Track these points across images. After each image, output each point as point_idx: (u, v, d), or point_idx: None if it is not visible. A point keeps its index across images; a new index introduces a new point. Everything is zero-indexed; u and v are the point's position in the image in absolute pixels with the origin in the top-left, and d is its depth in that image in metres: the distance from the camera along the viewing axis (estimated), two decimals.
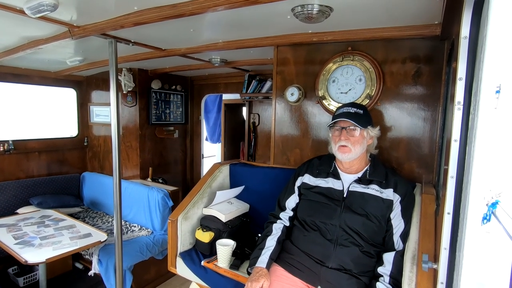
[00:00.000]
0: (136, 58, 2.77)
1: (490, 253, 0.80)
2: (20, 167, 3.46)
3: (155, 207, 3.04)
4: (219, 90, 4.21)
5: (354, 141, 1.54)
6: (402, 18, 1.67)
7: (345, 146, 1.54)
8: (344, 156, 1.55)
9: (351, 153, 1.54)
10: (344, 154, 1.55)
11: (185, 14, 1.52)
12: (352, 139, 1.54)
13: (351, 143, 1.54)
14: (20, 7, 1.54)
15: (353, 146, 1.53)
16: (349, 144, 1.54)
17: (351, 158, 1.56)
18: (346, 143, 1.54)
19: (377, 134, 1.65)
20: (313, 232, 1.57)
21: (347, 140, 1.54)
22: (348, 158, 1.55)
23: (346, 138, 1.54)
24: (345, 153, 1.55)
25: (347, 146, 1.54)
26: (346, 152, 1.54)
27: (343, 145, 1.54)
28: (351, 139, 1.54)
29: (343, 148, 1.55)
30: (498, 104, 0.71)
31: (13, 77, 3.31)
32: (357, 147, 1.54)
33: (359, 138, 1.55)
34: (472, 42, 0.87)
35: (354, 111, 1.57)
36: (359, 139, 1.55)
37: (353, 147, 1.53)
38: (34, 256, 2.10)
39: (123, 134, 3.70)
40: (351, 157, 1.55)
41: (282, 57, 2.33)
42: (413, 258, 1.32)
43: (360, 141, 1.55)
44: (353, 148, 1.53)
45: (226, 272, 1.78)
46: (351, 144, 1.53)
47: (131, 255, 2.63)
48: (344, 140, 1.54)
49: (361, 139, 1.55)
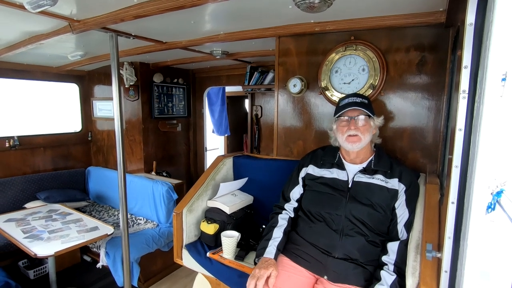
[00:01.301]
0: (137, 52, 2.76)
1: (494, 242, 0.80)
2: (26, 163, 3.50)
3: (160, 200, 3.07)
4: (221, 82, 4.18)
5: (363, 130, 1.54)
6: (405, 6, 1.64)
7: (355, 135, 1.53)
8: (354, 146, 1.55)
9: (360, 142, 1.54)
10: (354, 144, 1.54)
11: (185, 6, 1.51)
12: (361, 128, 1.54)
13: (360, 132, 1.53)
14: (20, 2, 1.53)
15: (362, 135, 1.53)
16: (358, 133, 1.53)
17: (360, 147, 1.56)
18: (356, 132, 1.53)
19: (381, 124, 1.65)
20: (318, 223, 1.57)
21: (356, 129, 1.53)
22: (357, 147, 1.55)
23: (355, 127, 1.53)
24: (355, 143, 1.54)
25: (357, 135, 1.53)
26: (356, 142, 1.54)
27: (353, 134, 1.53)
28: (360, 128, 1.53)
29: (352, 138, 1.54)
30: (504, 92, 0.70)
31: (15, 73, 3.32)
32: (366, 136, 1.54)
33: (367, 127, 1.55)
34: (477, 29, 0.85)
35: (360, 101, 1.57)
36: (367, 127, 1.55)
37: (362, 135, 1.53)
38: (43, 250, 2.14)
39: (127, 128, 3.72)
40: (361, 146, 1.55)
41: (284, 48, 2.31)
42: (417, 247, 1.33)
43: (369, 129, 1.56)
44: (362, 136, 1.53)
45: (231, 263, 1.80)
46: (361, 133, 1.53)
47: (137, 247, 2.67)
48: (354, 129, 1.53)
49: (369, 128, 1.56)
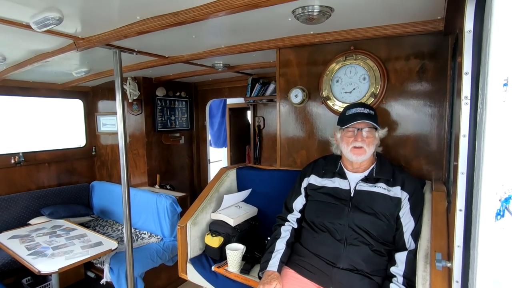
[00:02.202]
0: (140, 67, 2.80)
1: (506, 250, 0.78)
2: (31, 179, 3.51)
3: (164, 214, 3.05)
4: (223, 94, 4.23)
5: (369, 142, 1.53)
6: (404, 15, 1.66)
7: (360, 148, 1.52)
8: (359, 158, 1.54)
9: (365, 154, 1.53)
10: (360, 156, 1.53)
11: (186, 21, 1.54)
12: (367, 140, 1.53)
13: (366, 144, 1.52)
14: (26, 22, 1.57)
15: (368, 147, 1.53)
16: (364, 145, 1.52)
17: (364, 159, 1.55)
18: (362, 144, 1.52)
19: (384, 135, 1.63)
20: (322, 233, 1.55)
21: (363, 141, 1.52)
22: (361, 159, 1.55)
23: (362, 140, 1.52)
24: (360, 155, 1.53)
25: (363, 147, 1.52)
26: (362, 154, 1.53)
27: (358, 146, 1.53)
28: (366, 140, 1.53)
29: (357, 150, 1.53)
30: (506, 97, 0.70)
31: (21, 90, 3.38)
32: (371, 148, 1.54)
33: (373, 139, 1.54)
34: (476, 35, 0.86)
35: (367, 112, 1.56)
36: (373, 140, 1.54)
37: (368, 148, 1.53)
38: (47, 266, 2.12)
39: (130, 142, 3.74)
40: (365, 158, 1.55)
41: (285, 59, 2.34)
42: (426, 257, 1.30)
43: (374, 141, 1.55)
44: (368, 149, 1.53)
45: (236, 276, 1.77)
46: (366, 145, 1.52)
47: (141, 262, 2.64)
48: (361, 141, 1.52)
49: (374, 141, 1.55)
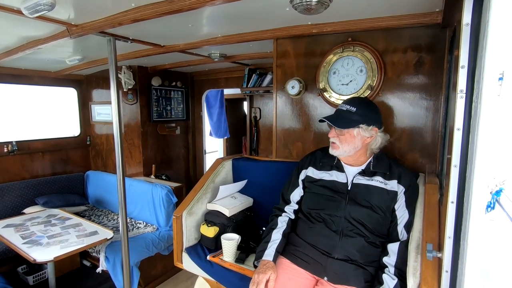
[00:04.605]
0: (135, 55, 2.76)
1: (495, 241, 0.80)
2: (25, 168, 3.49)
3: (160, 204, 3.06)
4: (220, 85, 4.19)
5: (342, 139, 1.55)
6: (402, 7, 1.65)
7: (333, 143, 1.58)
8: (333, 151, 1.59)
9: (338, 150, 1.56)
10: (333, 150, 1.59)
11: (182, 9, 1.51)
12: (341, 137, 1.55)
13: (339, 141, 1.55)
14: (17, 7, 1.53)
15: (341, 144, 1.55)
16: (336, 141, 1.56)
17: (339, 155, 1.58)
18: (334, 140, 1.57)
19: (373, 135, 1.54)
20: (318, 223, 1.57)
21: (335, 137, 1.57)
22: (336, 153, 1.59)
23: (335, 135, 1.57)
24: (333, 149, 1.58)
25: (335, 143, 1.57)
26: (334, 149, 1.58)
27: (333, 141, 1.58)
28: (339, 137, 1.55)
29: (332, 144, 1.59)
30: (501, 92, 0.70)
31: (13, 78, 3.32)
32: (345, 146, 1.54)
33: (347, 137, 1.53)
34: (474, 29, 0.86)
35: (346, 109, 1.56)
36: (347, 138, 1.53)
37: (341, 145, 1.55)
38: (42, 255, 2.12)
39: (125, 132, 3.71)
40: (339, 154, 1.57)
41: (282, 50, 2.32)
42: (417, 248, 1.33)
43: (349, 140, 1.53)
44: (341, 146, 1.55)
45: (231, 265, 1.79)
46: (339, 142, 1.55)
47: (137, 251, 2.65)
48: (332, 137, 1.58)
49: (349, 138, 1.53)
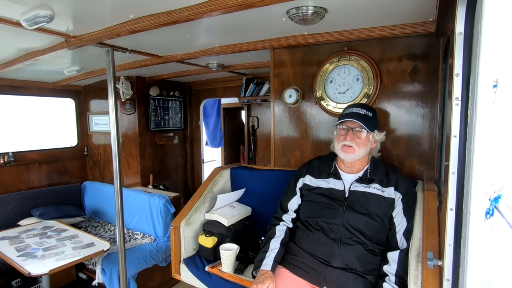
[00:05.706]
0: (133, 66, 2.78)
1: (495, 248, 0.79)
2: (21, 179, 3.45)
3: (157, 214, 3.03)
4: (217, 94, 4.21)
5: (359, 142, 1.54)
6: (396, 17, 1.68)
7: (350, 147, 1.54)
8: (347, 156, 1.55)
9: (354, 153, 1.54)
10: (348, 154, 1.55)
11: (180, 20, 1.53)
12: (358, 140, 1.54)
13: (356, 144, 1.53)
14: (16, 19, 1.55)
15: (358, 147, 1.53)
16: (354, 144, 1.53)
17: (353, 158, 1.56)
18: (351, 143, 1.54)
19: (382, 139, 1.64)
20: (316, 232, 1.56)
21: (352, 140, 1.54)
22: (350, 158, 1.56)
23: (351, 139, 1.54)
24: (348, 153, 1.55)
25: (352, 146, 1.54)
26: (350, 152, 1.54)
27: (348, 145, 1.54)
28: (356, 140, 1.54)
29: (347, 148, 1.55)
30: (496, 99, 0.71)
31: (11, 89, 3.32)
32: (362, 149, 1.54)
33: (364, 141, 1.54)
34: (467, 38, 0.88)
35: (363, 113, 1.57)
36: (364, 141, 1.54)
37: (357, 148, 1.53)
38: (37, 268, 2.08)
39: (123, 142, 3.70)
40: (354, 157, 1.55)
41: (279, 59, 2.34)
42: (417, 256, 1.32)
43: (365, 143, 1.55)
44: (357, 149, 1.53)
45: (230, 276, 1.77)
46: (356, 145, 1.53)
47: (134, 263, 2.61)
48: (350, 140, 1.54)
49: (366, 142, 1.55)
